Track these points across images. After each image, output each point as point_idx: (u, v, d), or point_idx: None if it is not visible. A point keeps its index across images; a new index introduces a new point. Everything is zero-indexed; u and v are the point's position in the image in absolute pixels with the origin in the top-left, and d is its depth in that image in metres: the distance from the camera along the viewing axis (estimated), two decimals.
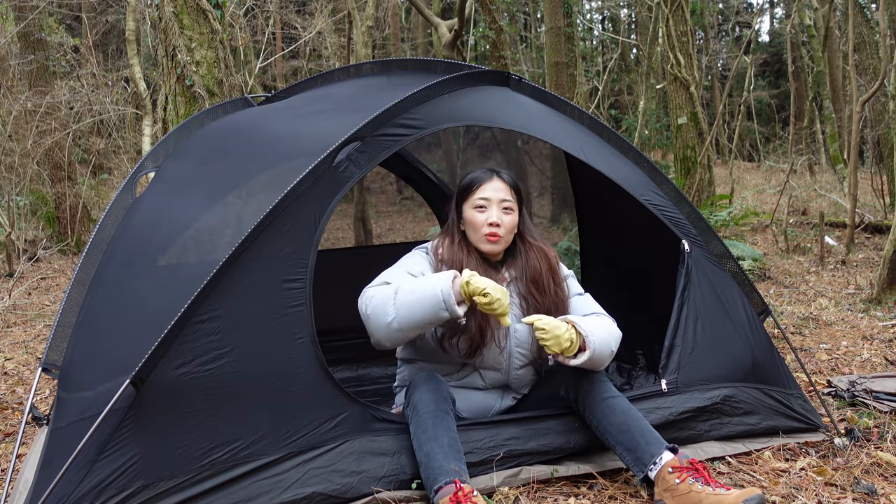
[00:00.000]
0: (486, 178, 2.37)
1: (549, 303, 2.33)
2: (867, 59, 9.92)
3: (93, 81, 10.72)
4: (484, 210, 2.33)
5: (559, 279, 2.40)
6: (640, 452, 2.06)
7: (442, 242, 2.38)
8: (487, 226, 2.31)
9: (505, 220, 2.32)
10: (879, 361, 3.60)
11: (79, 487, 1.75)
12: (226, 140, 2.73)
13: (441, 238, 2.41)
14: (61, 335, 2.21)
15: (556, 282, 2.38)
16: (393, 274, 2.24)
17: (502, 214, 2.32)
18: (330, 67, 11.22)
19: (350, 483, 1.97)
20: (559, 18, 9.57)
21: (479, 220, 2.32)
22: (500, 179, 2.37)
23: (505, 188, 2.36)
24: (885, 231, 7.58)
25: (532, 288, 2.35)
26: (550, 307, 2.33)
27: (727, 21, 24.83)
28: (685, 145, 8.93)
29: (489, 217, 2.31)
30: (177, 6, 4.31)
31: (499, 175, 2.38)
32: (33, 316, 5.80)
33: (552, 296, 2.35)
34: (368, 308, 2.11)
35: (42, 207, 9.41)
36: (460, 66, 2.60)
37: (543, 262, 2.39)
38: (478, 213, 2.33)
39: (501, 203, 2.34)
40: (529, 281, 2.36)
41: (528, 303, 2.35)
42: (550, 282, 2.37)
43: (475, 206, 2.34)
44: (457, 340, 2.28)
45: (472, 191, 2.36)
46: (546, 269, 2.38)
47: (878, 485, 2.16)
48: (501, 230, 2.31)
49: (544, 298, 2.34)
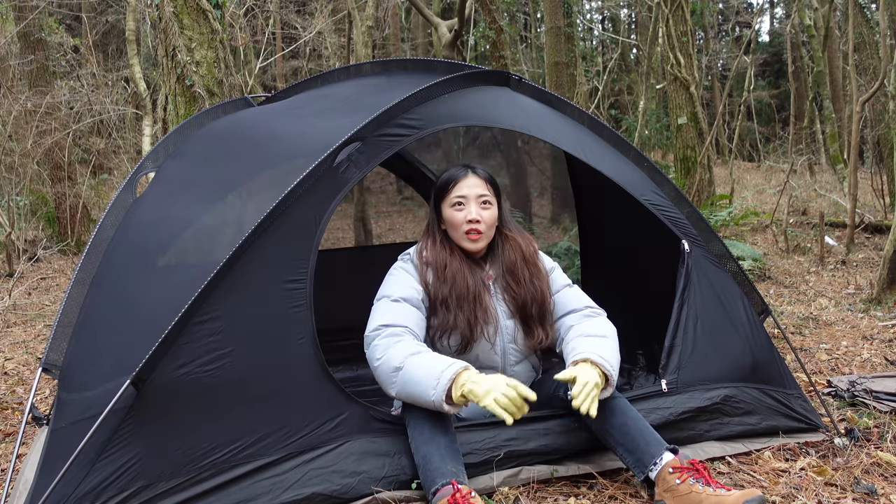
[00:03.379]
0: (462, 175, 2.36)
1: (526, 293, 2.32)
2: (867, 59, 9.92)
3: (93, 81, 10.72)
4: (462, 208, 2.32)
5: (536, 269, 2.38)
6: (640, 453, 2.06)
7: (425, 244, 2.38)
8: (467, 223, 2.31)
9: (484, 215, 2.32)
10: (879, 361, 3.60)
11: (79, 488, 1.75)
12: (226, 140, 2.73)
13: (423, 239, 2.41)
14: (61, 335, 2.21)
15: (531, 272, 2.36)
16: (388, 314, 2.18)
17: (481, 210, 2.32)
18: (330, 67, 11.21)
19: (350, 483, 1.97)
20: (559, 18, 9.58)
21: (458, 219, 2.32)
22: (476, 175, 2.36)
23: (481, 183, 2.35)
24: (885, 231, 7.58)
25: (509, 279, 2.35)
26: (527, 298, 2.32)
27: (727, 21, 24.83)
28: (685, 145, 8.93)
29: (468, 214, 2.31)
30: (177, 6, 4.31)
31: (473, 171, 2.38)
32: (33, 316, 5.80)
33: (528, 285, 2.33)
34: (375, 368, 2.10)
35: (42, 207, 9.41)
36: (460, 66, 2.60)
37: (517, 252, 2.38)
38: (456, 212, 2.33)
39: (479, 199, 2.33)
40: (506, 272, 2.36)
41: (509, 296, 2.35)
42: (526, 272, 2.35)
43: (453, 204, 2.34)
44: (447, 339, 2.29)
45: (449, 189, 2.35)
46: (521, 260, 2.37)
47: (878, 485, 2.16)
48: (482, 226, 2.31)
49: (520, 289, 2.33)
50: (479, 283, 2.32)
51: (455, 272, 2.29)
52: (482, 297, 2.30)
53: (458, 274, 2.29)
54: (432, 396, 1.97)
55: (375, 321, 2.18)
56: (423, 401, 2.00)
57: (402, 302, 2.22)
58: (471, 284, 2.29)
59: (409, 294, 2.24)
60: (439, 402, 1.97)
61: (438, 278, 2.29)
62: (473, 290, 2.29)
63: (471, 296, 2.28)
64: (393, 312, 2.18)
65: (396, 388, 2.05)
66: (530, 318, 2.34)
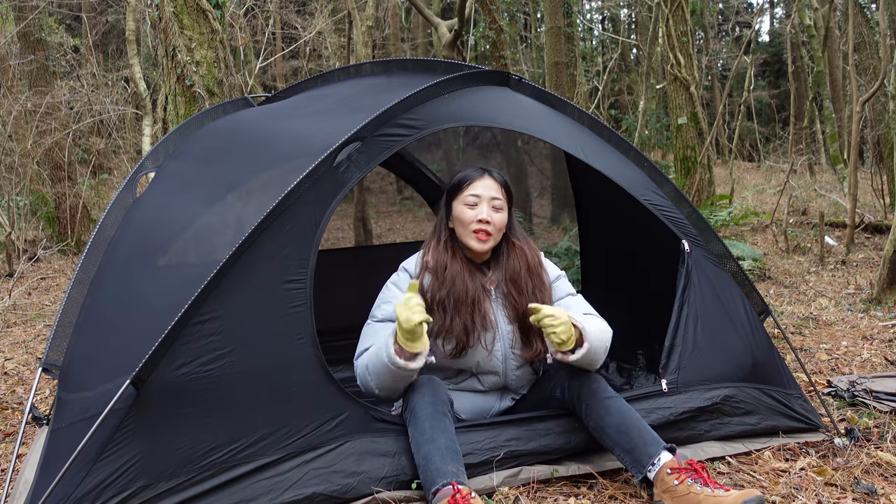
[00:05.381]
0: (478, 175, 2.37)
1: (527, 304, 2.30)
2: (867, 59, 9.92)
3: (93, 81, 10.72)
4: (474, 207, 2.32)
5: (539, 281, 2.37)
6: (638, 454, 2.06)
7: (429, 245, 2.38)
8: (477, 222, 2.30)
9: (495, 217, 2.32)
10: (879, 361, 3.60)
11: (79, 488, 1.75)
12: (226, 140, 2.73)
13: (429, 240, 2.41)
14: (61, 335, 2.21)
15: (535, 283, 2.36)
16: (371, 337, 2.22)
17: (492, 212, 2.32)
18: (330, 67, 11.21)
19: (350, 484, 1.97)
20: (559, 18, 9.58)
21: (469, 217, 2.32)
22: (492, 178, 2.37)
23: (496, 186, 2.36)
24: (885, 231, 7.58)
25: (511, 288, 2.34)
26: (528, 309, 2.31)
27: (727, 21, 24.84)
28: (685, 145, 8.93)
29: (479, 213, 2.31)
30: (177, 6, 4.31)
31: (490, 174, 2.38)
32: (33, 316, 5.80)
33: (530, 297, 2.32)
34: (362, 385, 2.19)
35: (42, 207, 9.41)
36: (460, 66, 2.60)
37: (522, 262, 2.37)
38: (468, 210, 2.33)
39: (492, 201, 2.33)
40: (509, 280, 2.35)
41: (509, 303, 2.35)
42: (529, 283, 2.35)
43: (466, 202, 2.34)
44: (442, 342, 2.29)
45: (463, 188, 2.36)
46: (525, 270, 2.36)
47: (878, 485, 2.16)
48: (491, 227, 2.31)
49: (522, 299, 2.32)
50: (479, 289, 2.31)
51: (455, 275, 2.28)
52: (481, 302, 2.29)
53: (457, 277, 2.28)
54: (386, 359, 2.03)
55: (361, 345, 2.23)
56: (386, 372, 2.06)
57: (386, 322, 2.23)
58: (470, 289, 2.28)
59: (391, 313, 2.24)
60: (393, 357, 2.02)
61: (437, 279, 2.29)
62: (472, 295, 2.28)
63: (469, 300, 2.27)
64: (376, 335, 2.20)
65: (373, 383, 2.11)
66: (529, 330, 2.32)
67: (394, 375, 2.06)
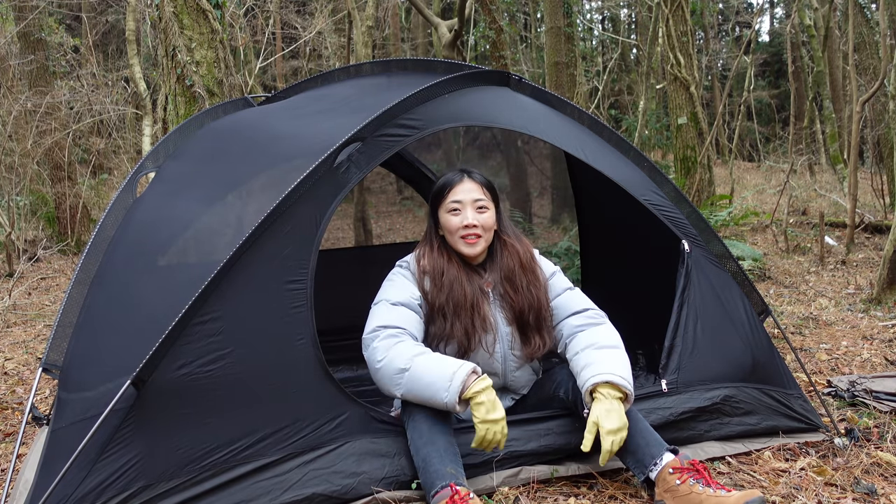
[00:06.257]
0: (457, 180, 2.35)
1: (523, 301, 2.31)
2: (867, 59, 9.92)
3: (93, 81, 10.73)
4: (458, 213, 2.31)
5: (533, 276, 2.36)
6: (640, 454, 2.06)
7: (423, 251, 2.37)
8: (463, 228, 2.30)
9: (480, 219, 2.31)
10: (879, 361, 3.60)
11: (79, 488, 1.75)
12: (226, 140, 2.73)
13: (421, 246, 2.39)
14: (61, 335, 2.21)
15: (529, 279, 2.34)
16: (386, 316, 2.18)
17: (477, 215, 2.31)
18: (330, 67, 11.22)
19: (350, 484, 1.97)
20: (559, 18, 9.58)
21: (455, 224, 2.31)
22: (471, 180, 2.35)
23: (477, 188, 2.34)
24: (885, 231, 7.58)
25: (508, 288, 2.33)
26: (524, 306, 2.30)
27: (727, 21, 24.83)
28: (685, 145, 8.93)
29: (464, 219, 2.30)
30: (177, 6, 4.31)
31: (469, 175, 2.37)
32: (33, 316, 5.80)
33: (525, 293, 2.32)
34: (377, 370, 2.08)
35: (42, 207, 9.41)
36: (460, 67, 2.60)
37: (515, 259, 2.36)
38: (452, 217, 2.32)
39: (475, 203, 2.32)
40: (504, 280, 2.34)
41: (507, 304, 2.34)
42: (524, 279, 2.34)
43: (449, 210, 2.33)
44: (444, 347, 2.28)
45: (445, 195, 2.34)
46: (518, 267, 2.35)
47: (878, 485, 2.16)
48: (479, 230, 2.30)
49: (518, 296, 2.32)
50: (477, 291, 2.31)
51: (452, 280, 2.28)
52: (480, 305, 2.29)
53: (455, 282, 2.27)
54: (445, 398, 1.97)
55: (373, 323, 2.17)
56: (434, 401, 2.00)
57: (400, 306, 2.21)
58: (468, 292, 2.28)
59: (407, 299, 2.23)
60: (452, 403, 1.97)
61: (436, 286, 2.28)
62: (471, 299, 2.27)
63: (468, 304, 2.26)
64: (391, 315, 2.18)
65: (402, 388, 2.04)
66: (527, 327, 2.32)
67: (435, 404, 2.02)
